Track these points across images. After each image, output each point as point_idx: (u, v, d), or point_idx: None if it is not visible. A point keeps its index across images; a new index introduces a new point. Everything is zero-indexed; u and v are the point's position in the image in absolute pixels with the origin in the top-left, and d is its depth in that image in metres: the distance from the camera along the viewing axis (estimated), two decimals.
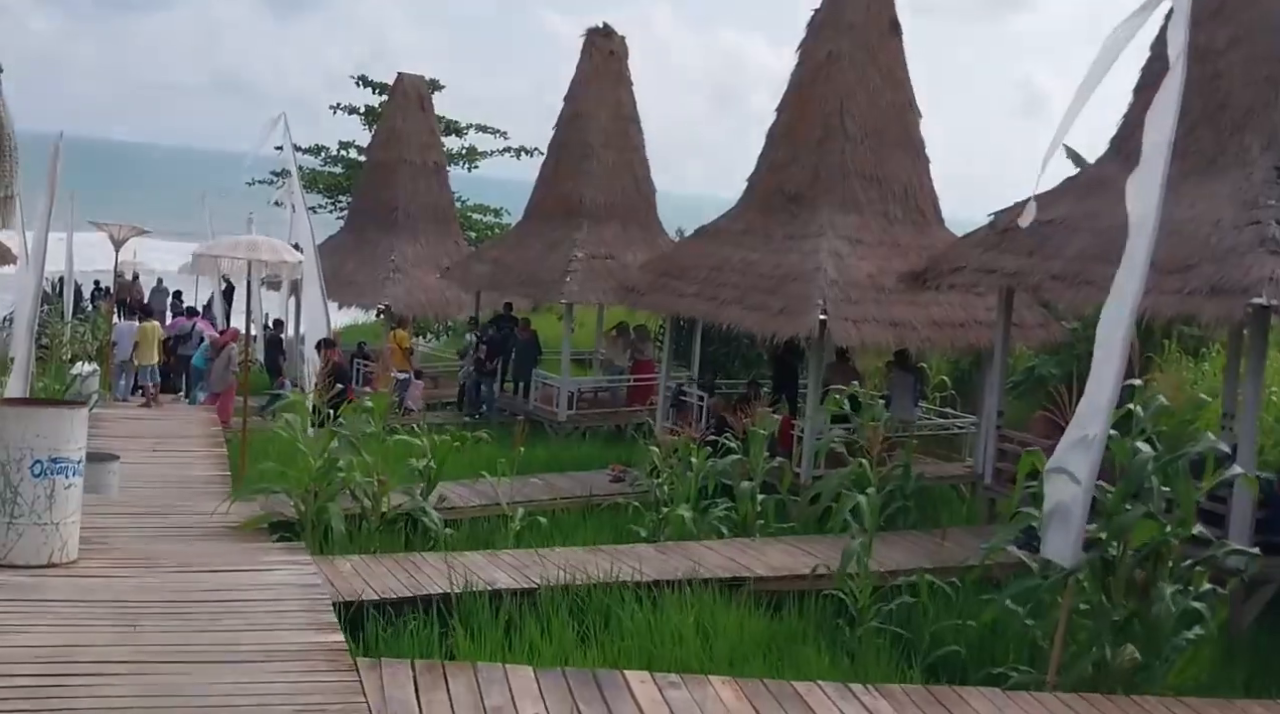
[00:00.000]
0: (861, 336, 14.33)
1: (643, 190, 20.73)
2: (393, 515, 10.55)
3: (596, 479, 15.27)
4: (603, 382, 20.77)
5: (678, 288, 15.83)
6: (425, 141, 23.69)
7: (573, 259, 19.41)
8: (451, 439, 15.00)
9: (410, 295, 22.19)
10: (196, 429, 15.70)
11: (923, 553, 10.92)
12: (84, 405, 8.32)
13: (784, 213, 15.65)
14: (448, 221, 23.98)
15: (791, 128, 15.93)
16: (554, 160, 20.74)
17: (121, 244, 18.25)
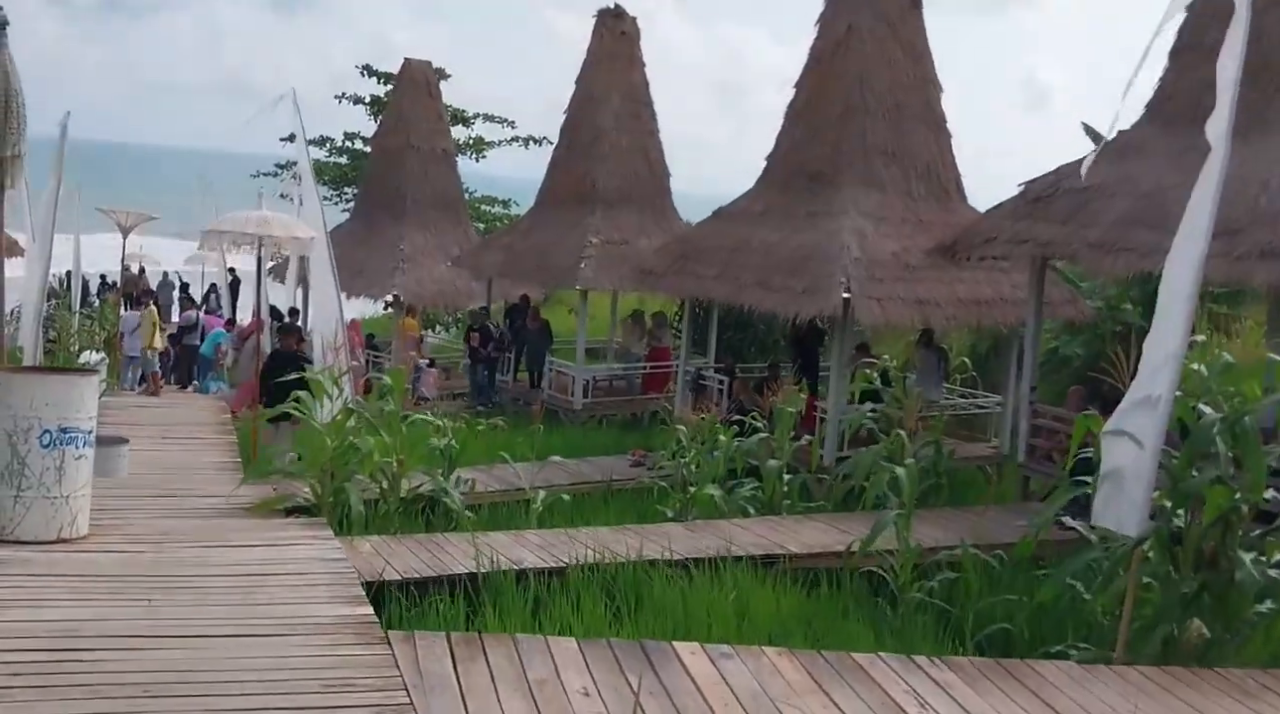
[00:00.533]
0: (886, 315, 13.94)
1: (657, 174, 20.33)
2: (412, 497, 10.15)
3: (616, 464, 14.91)
4: (618, 369, 20.38)
5: (696, 270, 15.43)
6: (433, 127, 23.27)
7: (587, 245, 19.01)
8: (467, 426, 14.65)
9: (420, 285, 21.78)
10: (205, 417, 15.30)
11: (960, 529, 10.51)
12: (95, 373, 7.92)
13: (805, 191, 15.27)
14: (457, 209, 23.55)
15: (811, 104, 15.54)
16: (565, 144, 20.35)
17: (129, 231, 17.85)
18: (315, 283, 12.49)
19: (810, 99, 15.56)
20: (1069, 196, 11.48)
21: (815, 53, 15.60)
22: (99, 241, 30.95)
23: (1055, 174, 11.84)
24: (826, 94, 15.36)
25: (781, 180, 15.68)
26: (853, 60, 15.09)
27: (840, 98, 15.12)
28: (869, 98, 15.01)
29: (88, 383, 7.50)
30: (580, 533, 9.88)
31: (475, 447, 13.09)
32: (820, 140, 15.32)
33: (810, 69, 15.64)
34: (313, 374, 10.01)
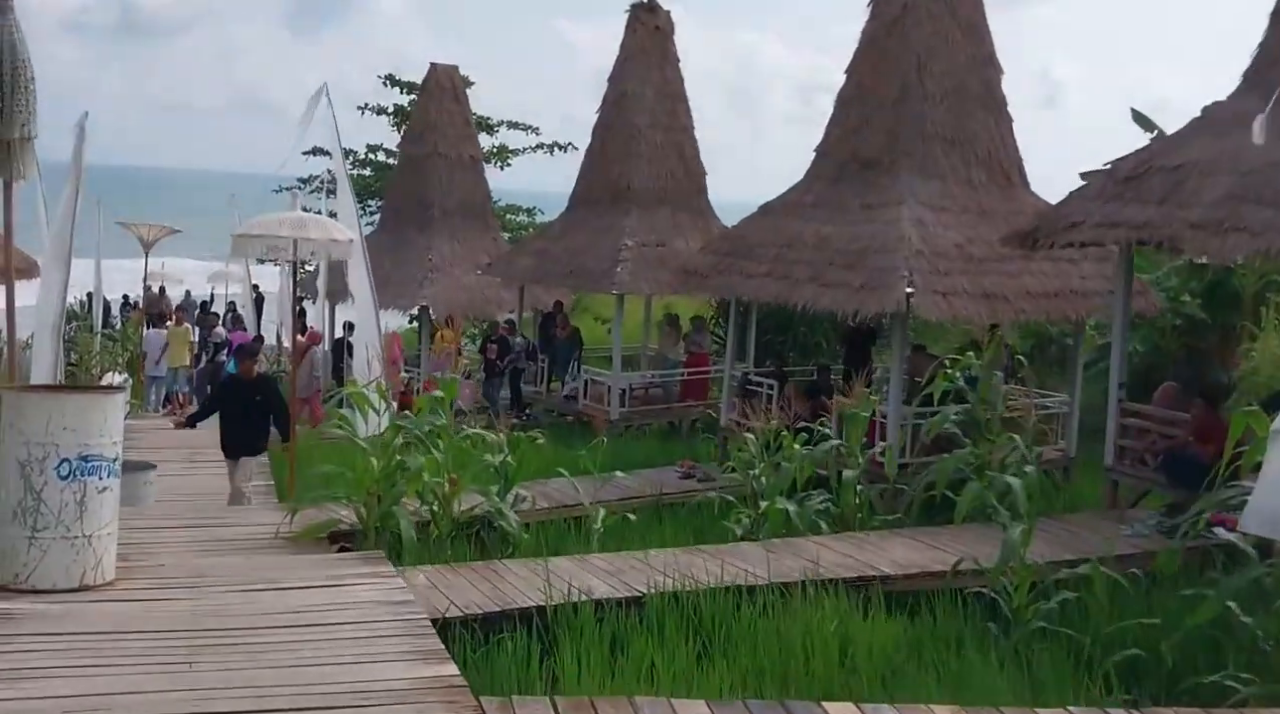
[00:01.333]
0: (952, 310, 12.93)
1: (693, 173, 19.39)
2: (465, 519, 9.21)
3: (664, 476, 13.95)
4: (655, 376, 19.42)
5: (745, 268, 14.45)
6: (460, 134, 22.38)
7: (622, 248, 18.09)
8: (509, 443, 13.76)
9: (449, 294, 20.90)
10: None
11: (1061, 542, 9.52)
12: (120, 390, 7.00)
13: (859, 181, 14.29)
14: (485, 217, 22.66)
15: (864, 89, 14.56)
16: (599, 143, 19.41)
17: (151, 246, 17.01)
18: (355, 290, 11.59)
19: (863, 84, 14.58)
20: (1163, 175, 10.47)
21: (868, 34, 14.62)
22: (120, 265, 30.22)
23: (1145, 151, 10.85)
24: (881, 78, 14.38)
25: (833, 170, 14.71)
26: (909, 41, 14.10)
27: (896, 81, 14.13)
28: (927, 81, 14.02)
29: (111, 402, 6.56)
30: (651, 556, 8.93)
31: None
32: (874, 127, 14.33)
33: (862, 52, 14.65)
34: (354, 387, 9.07)
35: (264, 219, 10.21)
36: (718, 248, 15.20)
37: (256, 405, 10.71)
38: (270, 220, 10.16)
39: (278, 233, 10.00)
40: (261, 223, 10.11)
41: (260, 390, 10.88)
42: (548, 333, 20.08)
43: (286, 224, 10.08)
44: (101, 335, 21.29)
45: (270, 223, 10.04)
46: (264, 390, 10.92)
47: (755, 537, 9.82)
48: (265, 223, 10.05)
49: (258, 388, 10.89)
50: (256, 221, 10.22)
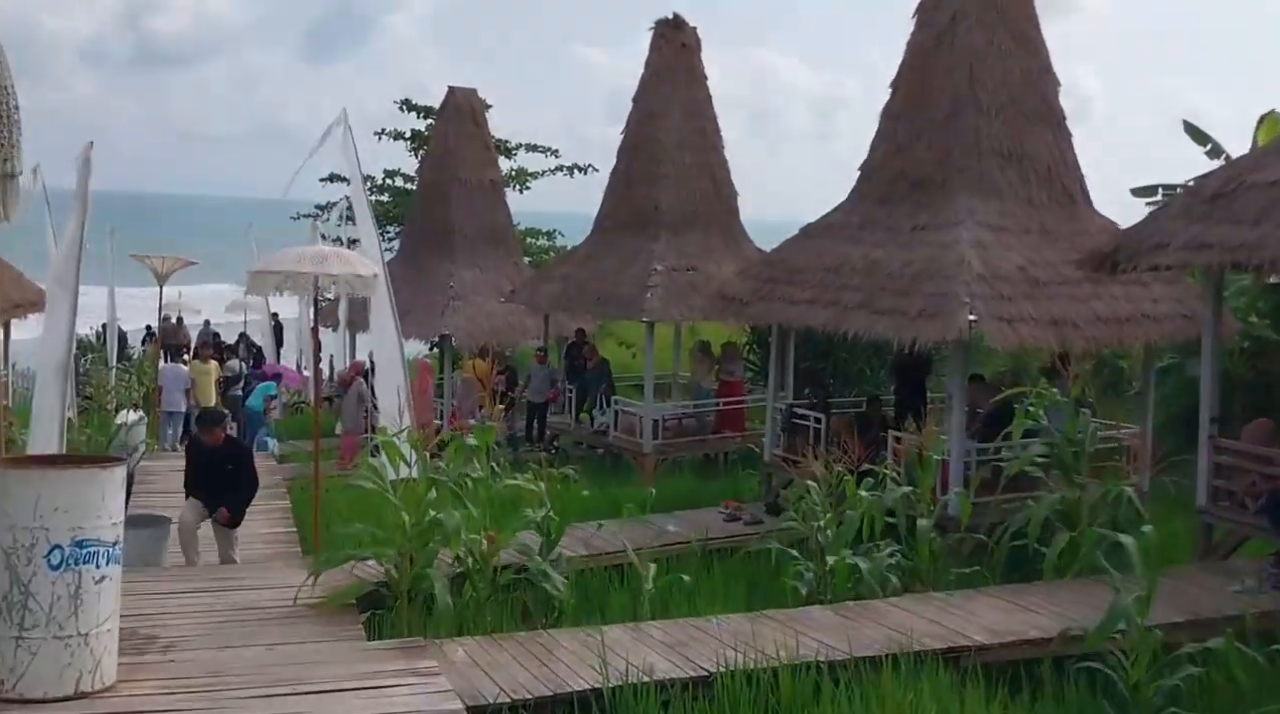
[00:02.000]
0: (1019, 338, 11.96)
1: (724, 195, 18.48)
2: (506, 580, 8.28)
3: (708, 519, 12.98)
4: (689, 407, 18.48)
5: (788, 294, 13.53)
6: (480, 158, 21.55)
7: (652, 273, 17.17)
8: (534, 478, 12.96)
9: (472, 323, 20.01)
10: None
11: (1170, 602, 8.49)
12: (121, 462, 6.09)
13: (910, 201, 13.37)
14: (507, 243, 21.79)
15: (912, 104, 13.65)
16: (624, 166, 18.54)
17: (166, 278, 16.18)
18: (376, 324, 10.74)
19: (911, 98, 13.67)
20: (1256, 192, 9.53)
21: (915, 46, 13.72)
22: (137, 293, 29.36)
23: (1233, 167, 9.90)
24: (930, 91, 13.47)
25: (881, 189, 13.79)
26: (960, 52, 13.20)
27: (947, 94, 13.23)
28: (980, 93, 13.10)
29: (110, 477, 5.65)
30: (711, 624, 7.98)
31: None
32: (925, 143, 13.42)
33: (909, 64, 13.75)
34: (385, 437, 8.14)
35: (283, 254, 9.34)
36: (757, 273, 14.28)
37: (227, 476, 9.63)
38: (290, 256, 9.29)
39: (298, 269, 9.13)
40: (280, 258, 9.25)
41: (231, 459, 9.77)
42: (573, 362, 19.20)
43: (307, 259, 9.19)
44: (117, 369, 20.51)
45: (290, 258, 9.18)
46: (234, 460, 9.80)
47: (823, 597, 8.86)
48: (284, 258, 9.19)
49: (227, 457, 9.77)
50: (275, 257, 9.37)
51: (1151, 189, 20.93)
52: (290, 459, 16.75)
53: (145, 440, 14.87)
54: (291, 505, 12.42)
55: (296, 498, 13.17)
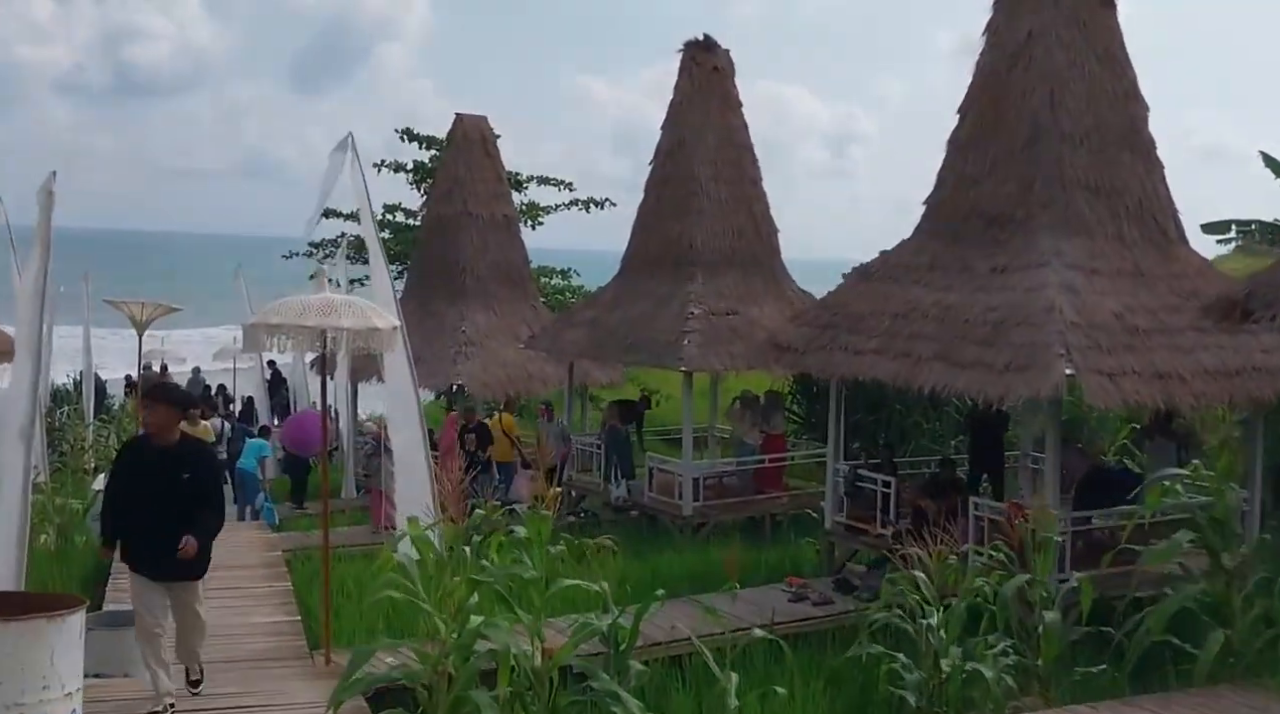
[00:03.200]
0: (1121, 395, 10.96)
1: (763, 231, 17.56)
2: (566, 701, 7.17)
3: (769, 598, 11.82)
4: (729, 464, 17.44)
5: (852, 343, 12.51)
6: (492, 191, 20.69)
7: (689, 317, 16.20)
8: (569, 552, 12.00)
9: (486, 371, 19.06)
10: (251, 555, 12.46)
11: None
12: (80, 605, 4.86)
13: (985, 240, 12.41)
14: (523, 283, 20.87)
15: (985, 131, 12.73)
16: (654, 199, 17.62)
17: (146, 326, 15.15)
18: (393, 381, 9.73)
19: (983, 125, 12.75)
20: None
21: (986, 68, 12.83)
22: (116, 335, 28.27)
23: None
24: (1005, 117, 12.56)
25: (951, 227, 12.83)
26: (1038, 73, 12.30)
27: (1025, 120, 12.31)
28: (1063, 118, 12.19)
29: (62, 631, 4.52)
30: None
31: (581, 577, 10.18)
32: (1001, 175, 12.49)
33: (981, 87, 12.85)
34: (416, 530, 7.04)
35: (284, 304, 8.18)
36: (814, 319, 13.27)
37: (183, 490, 6.88)
38: (292, 306, 8.14)
39: (301, 323, 8.08)
40: (281, 309, 8.14)
41: (190, 465, 6.94)
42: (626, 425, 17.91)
43: (313, 311, 8.11)
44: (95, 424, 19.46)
45: (292, 309, 8.07)
46: (196, 465, 7.00)
47: (940, 711, 7.74)
48: (285, 309, 8.09)
49: (184, 460, 6.93)
50: (275, 307, 8.27)
51: (1224, 225, 20.05)
52: (288, 526, 15.67)
53: None
54: (294, 586, 11.31)
55: (299, 576, 12.07)
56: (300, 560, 13.16)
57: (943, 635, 7.75)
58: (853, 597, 11.69)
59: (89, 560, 12.15)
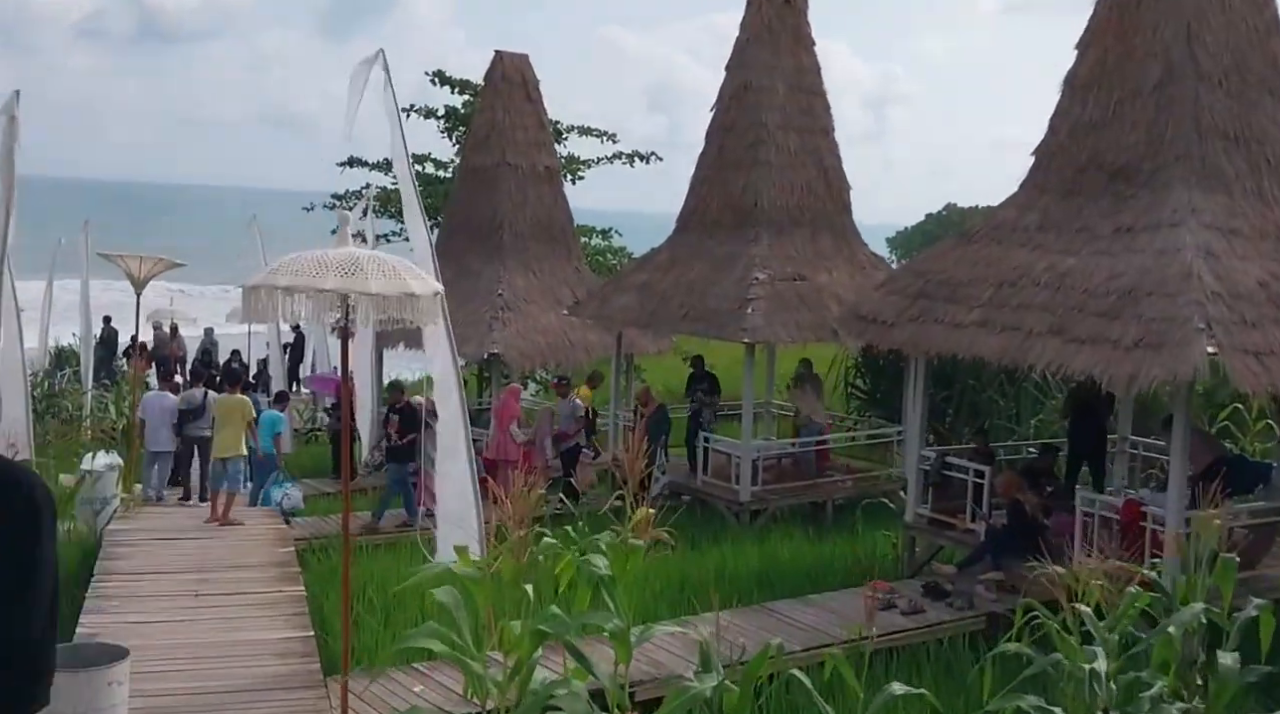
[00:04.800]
0: (1270, 378, 9.76)
1: (835, 187, 16.36)
2: None
3: (850, 605, 10.72)
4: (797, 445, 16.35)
5: (948, 315, 11.34)
6: (533, 139, 19.47)
7: (752, 282, 15.08)
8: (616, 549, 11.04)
9: (524, 339, 17.94)
10: (259, 551, 11.52)
11: None
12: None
13: (1106, 195, 11.20)
14: (566, 242, 19.68)
15: (1108, 70, 11.47)
16: (715, 150, 16.42)
17: (145, 283, 14.17)
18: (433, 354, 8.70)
19: (1106, 63, 11.48)
20: None
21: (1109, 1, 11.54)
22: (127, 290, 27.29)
23: None
24: (1133, 54, 11.30)
25: (1065, 181, 11.61)
26: (1171, 4, 11.01)
27: (1156, 60, 11.05)
28: (1200, 56, 10.92)
29: None
30: None
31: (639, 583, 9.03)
32: (1127, 121, 11.24)
33: (1103, 20, 11.59)
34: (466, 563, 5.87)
35: (297, 262, 6.76)
36: (903, 286, 12.08)
37: None
38: (306, 262, 6.70)
39: (316, 284, 6.88)
40: (292, 266, 6.71)
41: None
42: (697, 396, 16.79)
43: (332, 268, 6.66)
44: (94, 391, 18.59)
45: (307, 267, 6.64)
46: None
47: None
48: (299, 267, 6.64)
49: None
50: (286, 265, 6.81)
51: None
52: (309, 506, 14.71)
53: (119, 493, 12.85)
54: (308, 588, 10.36)
55: (314, 575, 11.14)
56: (316, 553, 12.25)
57: (1114, 689, 6.55)
58: (945, 604, 10.62)
59: (73, 555, 11.27)
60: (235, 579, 10.46)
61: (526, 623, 5.42)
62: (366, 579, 10.85)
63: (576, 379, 17.68)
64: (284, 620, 9.35)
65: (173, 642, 8.90)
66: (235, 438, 12.93)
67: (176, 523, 12.72)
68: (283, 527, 12.60)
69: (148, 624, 9.31)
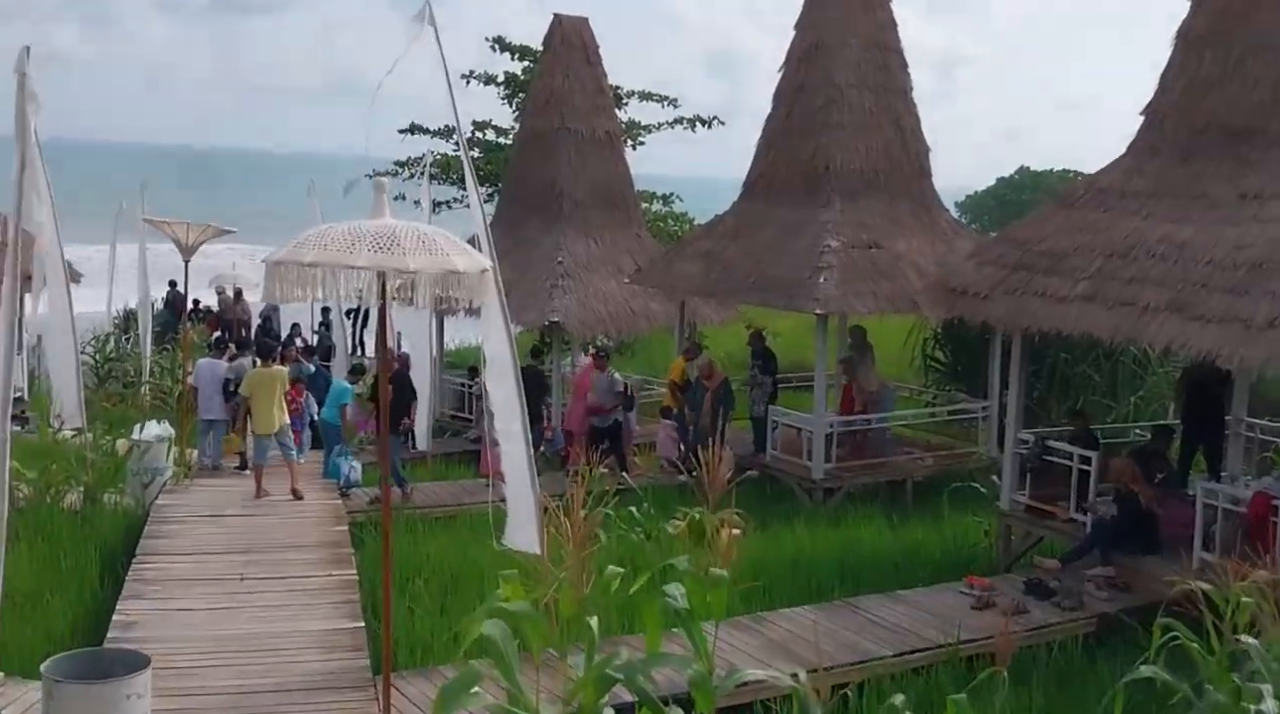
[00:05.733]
0: None
1: (913, 150, 15.05)
2: None
3: (946, 603, 9.55)
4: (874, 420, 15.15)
5: (1051, 288, 10.09)
6: (594, 104, 18.28)
7: (824, 250, 13.86)
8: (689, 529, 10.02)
9: (584, 307, 16.85)
10: (312, 531, 10.59)
11: None
12: None
13: (1227, 159, 9.89)
14: (627, 208, 18.51)
15: (1229, 22, 10.13)
16: (784, 112, 15.16)
17: (193, 250, 13.24)
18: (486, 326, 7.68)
19: (1226, 15, 10.12)
20: None
21: None
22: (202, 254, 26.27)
23: None
24: (1257, 6, 9.93)
25: (1180, 144, 10.29)
26: None
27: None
28: None
29: None
30: None
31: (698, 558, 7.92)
32: (1249, 77, 9.91)
33: None
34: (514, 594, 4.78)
35: (326, 234, 5.80)
36: (999, 256, 10.82)
37: None
38: (337, 236, 5.73)
39: (349, 261, 5.66)
40: (321, 240, 5.73)
41: None
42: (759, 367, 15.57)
43: (366, 243, 5.69)
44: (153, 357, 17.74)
45: (336, 241, 5.69)
46: None
47: None
48: (328, 240, 5.70)
49: None
50: (313, 238, 5.83)
51: None
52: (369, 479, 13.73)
53: (170, 466, 12.01)
54: (358, 571, 9.41)
55: (368, 555, 10.18)
56: (372, 530, 11.29)
57: None
58: (1051, 603, 9.43)
59: (117, 528, 10.43)
60: (284, 561, 9.55)
61: (589, 672, 4.36)
62: (422, 561, 9.88)
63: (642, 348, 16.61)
64: (332, 608, 8.41)
65: (213, 633, 8.01)
66: (269, 412, 12.02)
67: (227, 497, 11.83)
68: (337, 503, 11.66)
69: (188, 612, 8.44)
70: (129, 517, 10.92)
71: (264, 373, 12.44)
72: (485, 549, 10.38)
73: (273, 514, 11.12)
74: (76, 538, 10.08)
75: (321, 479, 12.77)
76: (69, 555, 9.61)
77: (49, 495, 10.91)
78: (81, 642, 8.16)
